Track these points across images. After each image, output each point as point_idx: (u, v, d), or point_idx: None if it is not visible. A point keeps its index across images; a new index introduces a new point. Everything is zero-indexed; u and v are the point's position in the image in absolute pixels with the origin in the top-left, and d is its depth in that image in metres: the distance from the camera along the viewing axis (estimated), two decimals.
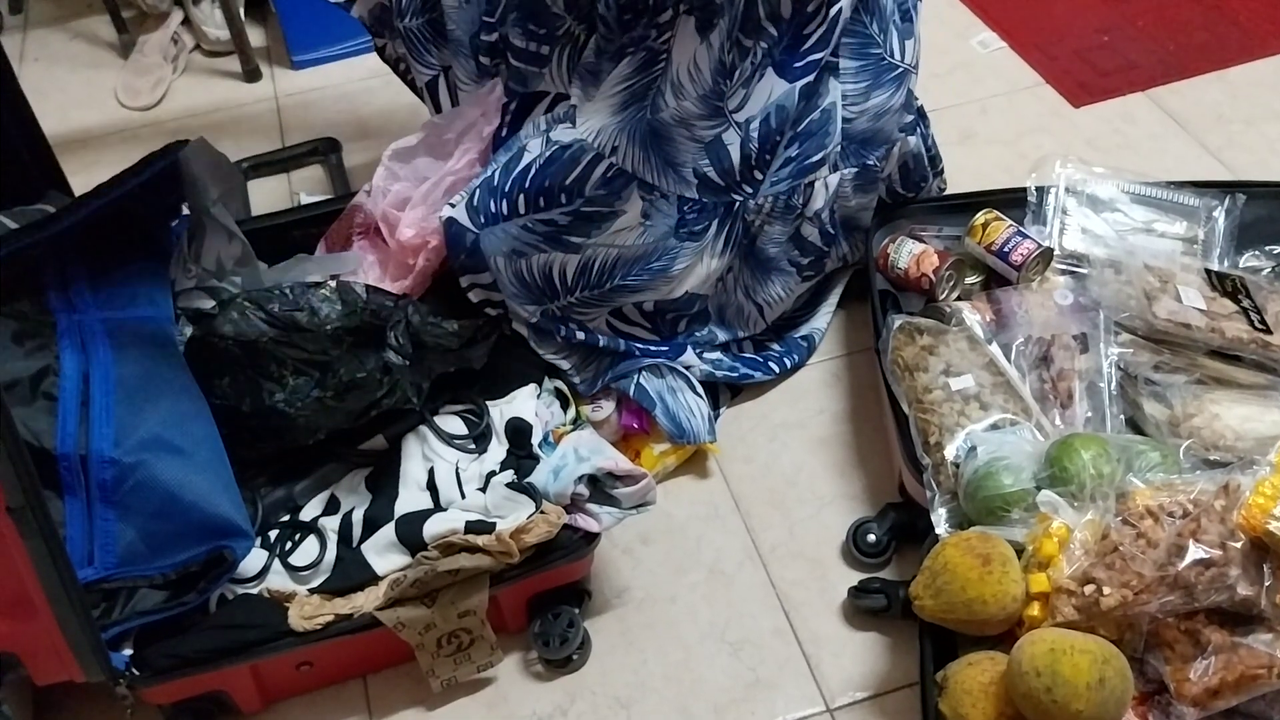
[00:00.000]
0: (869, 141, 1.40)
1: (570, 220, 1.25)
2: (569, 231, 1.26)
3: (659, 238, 1.28)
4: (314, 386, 1.18)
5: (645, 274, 1.30)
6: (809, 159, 1.33)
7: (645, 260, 1.29)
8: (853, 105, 1.36)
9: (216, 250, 1.34)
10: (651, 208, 1.26)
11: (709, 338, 1.45)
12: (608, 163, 1.25)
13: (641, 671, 1.24)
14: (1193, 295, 1.32)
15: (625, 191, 1.25)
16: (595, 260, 1.27)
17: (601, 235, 1.26)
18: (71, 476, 1.06)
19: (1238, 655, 0.99)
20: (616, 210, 1.25)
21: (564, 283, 1.28)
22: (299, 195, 1.81)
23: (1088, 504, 1.10)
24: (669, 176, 1.26)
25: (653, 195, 1.26)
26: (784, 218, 1.38)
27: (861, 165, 1.41)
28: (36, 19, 2.27)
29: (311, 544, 1.20)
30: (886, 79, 1.37)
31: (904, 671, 1.21)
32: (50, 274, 1.18)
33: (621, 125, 1.26)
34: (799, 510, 1.37)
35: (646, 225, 1.27)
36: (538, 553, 1.16)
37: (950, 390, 1.27)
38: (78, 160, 1.74)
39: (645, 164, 1.26)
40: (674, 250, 1.29)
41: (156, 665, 1.09)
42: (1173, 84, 1.93)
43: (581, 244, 1.26)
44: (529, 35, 1.32)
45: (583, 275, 1.28)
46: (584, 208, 1.25)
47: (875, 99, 1.37)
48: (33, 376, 1.10)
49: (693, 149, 1.27)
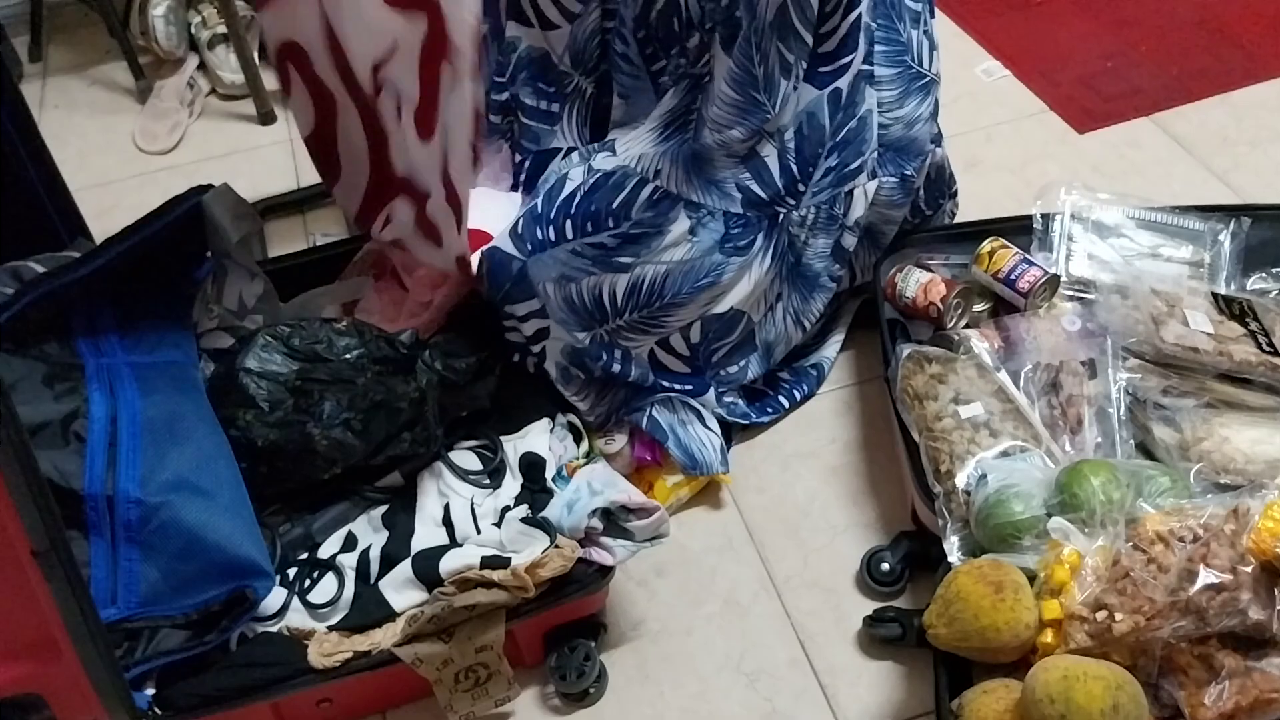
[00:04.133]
0: (905, 150, 1.43)
1: (619, 242, 1.27)
2: (618, 253, 1.28)
3: (705, 252, 1.30)
4: (342, 410, 1.20)
5: (694, 290, 1.31)
6: (848, 166, 1.36)
7: (693, 276, 1.31)
8: (888, 112, 1.39)
9: (238, 290, 1.36)
10: (698, 224, 1.29)
11: (739, 375, 1.46)
12: (653, 186, 1.28)
13: (658, 704, 1.24)
14: (1200, 319, 1.33)
15: (672, 212, 1.28)
16: (644, 278, 1.29)
17: (650, 254, 1.28)
18: (97, 516, 1.08)
19: (1252, 680, 0.99)
20: (664, 230, 1.28)
21: (614, 304, 1.30)
22: (315, 236, 1.83)
23: (1098, 530, 1.11)
24: (713, 194, 1.30)
25: (699, 213, 1.29)
26: (827, 229, 1.41)
27: (900, 175, 1.44)
28: (55, 66, 2.32)
29: (330, 581, 1.21)
30: (916, 87, 1.41)
31: (920, 700, 1.22)
32: (79, 317, 1.21)
33: (664, 151, 1.29)
34: (813, 540, 1.38)
35: (694, 241, 1.30)
36: (553, 587, 1.17)
37: (960, 418, 1.28)
38: (97, 204, 1.77)
39: (689, 185, 1.29)
40: (720, 265, 1.32)
41: (179, 704, 1.10)
42: (1177, 108, 1.94)
43: (630, 263, 1.28)
44: (539, 93, 1.35)
45: (632, 295, 1.29)
46: (632, 230, 1.27)
47: (908, 106, 1.41)
48: (63, 419, 1.12)
49: (732, 165, 1.30)
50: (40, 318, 1.18)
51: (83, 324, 1.21)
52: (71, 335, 1.20)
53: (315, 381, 1.21)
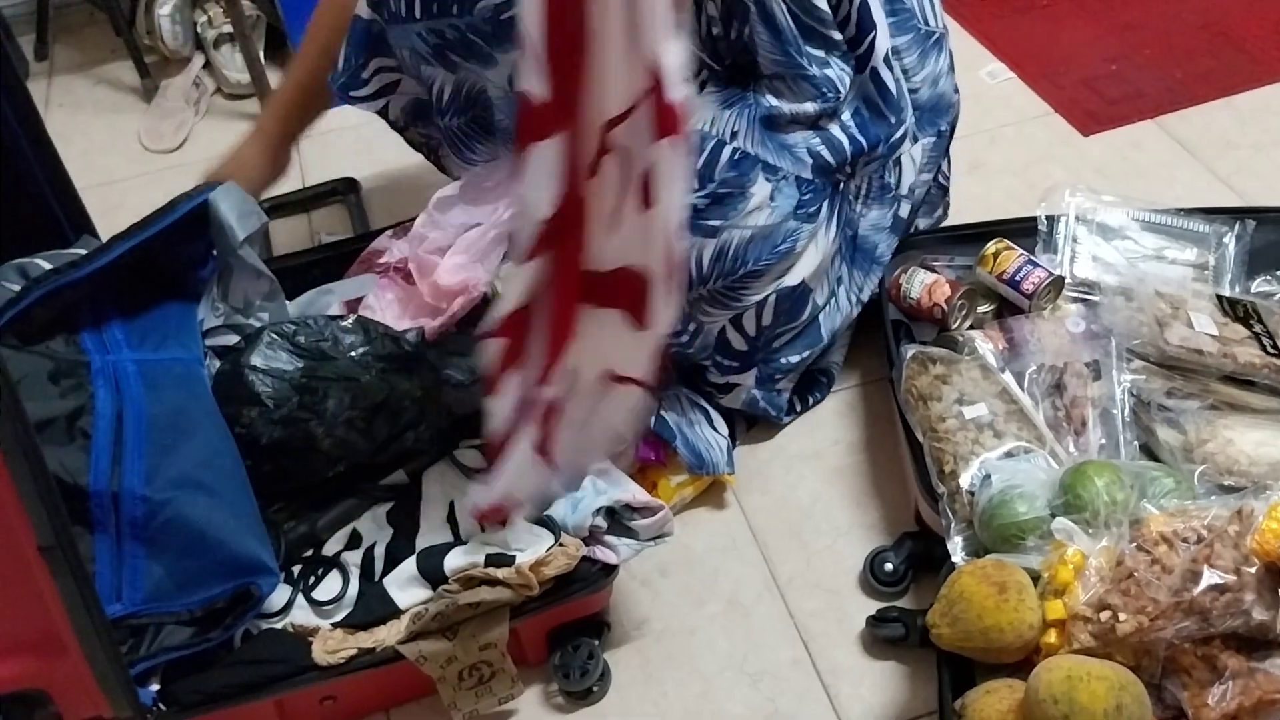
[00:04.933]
0: (935, 108, 1.47)
1: (707, 203, 1.29)
2: (706, 215, 1.30)
3: (783, 218, 1.33)
4: (346, 408, 1.21)
5: (772, 255, 1.33)
6: (893, 136, 1.40)
7: (772, 241, 1.33)
8: (913, 76, 1.43)
9: (244, 289, 1.37)
10: (776, 190, 1.32)
11: (794, 363, 1.46)
12: (731, 147, 1.31)
13: (661, 703, 1.25)
14: (1204, 321, 1.33)
15: (752, 173, 1.31)
16: (730, 243, 1.31)
17: (737, 216, 1.30)
18: (103, 513, 1.08)
19: (1255, 680, 1.00)
20: (747, 191, 1.31)
21: (699, 270, 1.31)
22: (320, 235, 1.83)
23: (1102, 531, 1.11)
24: (787, 158, 1.33)
25: (776, 176, 1.32)
26: (880, 198, 1.44)
27: (936, 133, 1.48)
28: (61, 65, 2.32)
29: (334, 579, 1.21)
30: (930, 45, 1.45)
31: (923, 700, 1.22)
32: (85, 315, 1.21)
33: (737, 113, 1.32)
34: (816, 541, 1.38)
35: (773, 206, 1.32)
36: (557, 585, 1.18)
37: (964, 419, 1.28)
38: (102, 203, 1.77)
39: (764, 147, 1.32)
40: (795, 231, 1.34)
41: (183, 701, 1.11)
42: (1181, 111, 1.94)
43: (719, 226, 1.30)
44: None
45: (718, 260, 1.31)
46: (718, 190, 1.29)
47: (929, 66, 1.45)
48: (69, 415, 1.12)
49: (804, 130, 1.34)
50: (47, 315, 1.18)
51: (89, 321, 1.21)
52: (77, 332, 1.20)
53: (320, 379, 1.22)
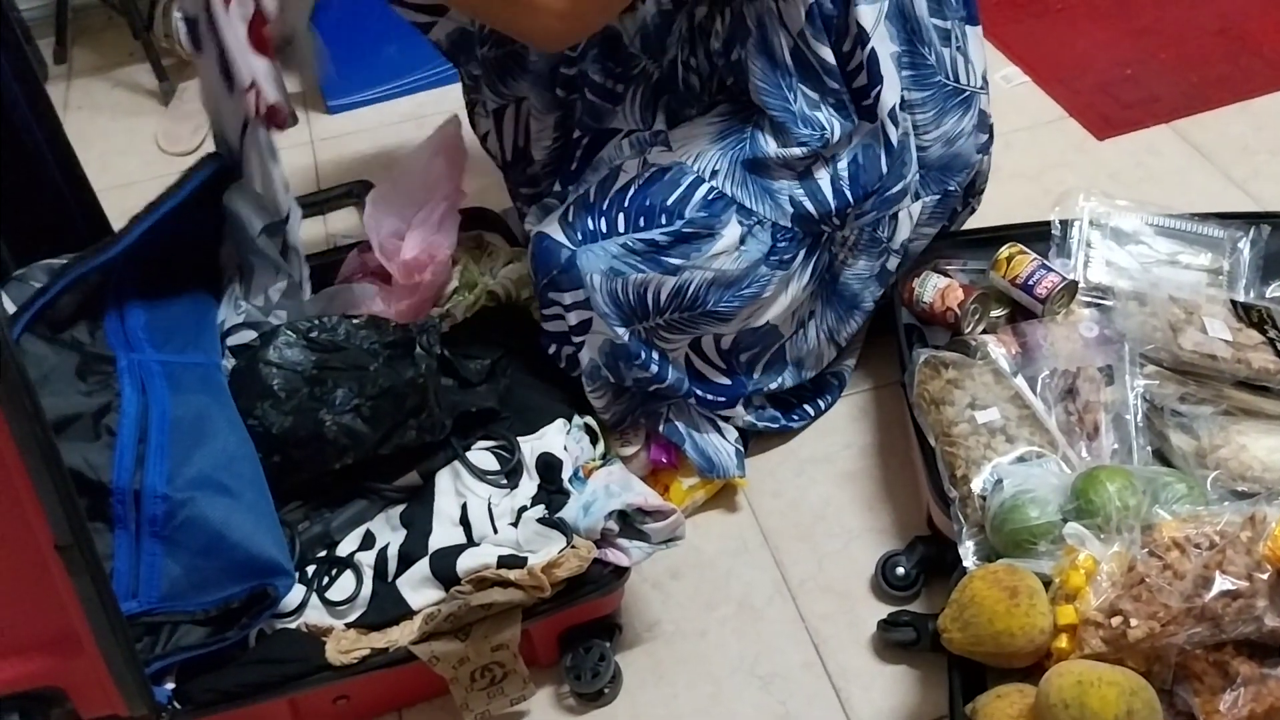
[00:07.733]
0: (948, 167, 1.44)
1: (670, 240, 1.28)
2: (669, 251, 1.28)
3: (752, 264, 1.31)
4: (353, 396, 1.22)
5: (736, 300, 1.32)
6: (889, 190, 1.37)
7: (737, 286, 1.32)
8: (925, 134, 1.39)
9: (264, 286, 1.38)
10: (748, 234, 1.30)
11: (778, 384, 1.46)
12: (708, 185, 1.29)
13: (672, 705, 1.25)
14: (1218, 327, 1.33)
15: (725, 215, 1.29)
16: (691, 283, 1.29)
17: (700, 257, 1.29)
18: (123, 510, 1.09)
19: (1267, 687, 0.99)
20: (716, 233, 1.29)
21: (656, 303, 1.30)
22: (336, 239, 1.84)
23: (1114, 536, 1.11)
24: (766, 203, 1.31)
25: (750, 221, 1.30)
26: (869, 250, 1.41)
27: (943, 192, 1.44)
28: (80, 68, 2.34)
29: (348, 579, 1.22)
30: (954, 104, 1.40)
31: (933, 704, 1.22)
32: (110, 311, 1.23)
33: (722, 151, 1.31)
34: (827, 544, 1.38)
35: (741, 251, 1.30)
36: (569, 587, 1.18)
37: (976, 423, 1.28)
38: (120, 205, 1.76)
39: (744, 189, 1.30)
40: (764, 278, 1.32)
41: (198, 699, 1.12)
42: (1196, 116, 1.94)
43: (680, 265, 1.28)
44: (606, 72, 1.36)
45: (677, 296, 1.30)
46: (684, 228, 1.28)
47: (947, 124, 1.40)
48: (95, 412, 1.13)
49: (789, 177, 1.31)
50: (73, 301, 1.20)
51: (114, 319, 1.23)
52: (100, 320, 1.21)
53: (331, 370, 1.24)
